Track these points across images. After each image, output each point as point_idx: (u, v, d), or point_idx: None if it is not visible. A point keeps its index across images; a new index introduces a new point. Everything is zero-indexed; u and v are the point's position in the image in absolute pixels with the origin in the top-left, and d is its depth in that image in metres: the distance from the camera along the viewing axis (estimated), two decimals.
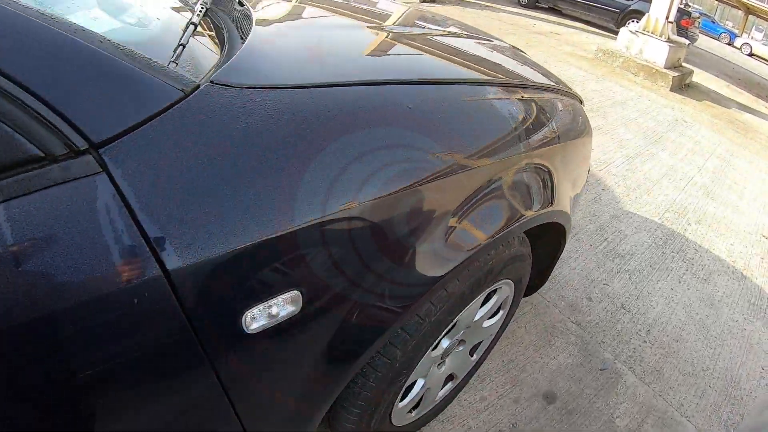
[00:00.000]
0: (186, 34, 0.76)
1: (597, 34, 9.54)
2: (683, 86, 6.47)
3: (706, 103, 6.28)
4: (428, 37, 1.35)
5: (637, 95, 5.69)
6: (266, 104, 0.69)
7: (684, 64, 6.87)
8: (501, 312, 1.39)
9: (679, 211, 3.18)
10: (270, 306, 0.68)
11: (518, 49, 1.92)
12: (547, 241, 1.42)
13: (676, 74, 6.18)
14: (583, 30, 9.70)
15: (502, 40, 1.85)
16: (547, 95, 1.30)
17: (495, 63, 1.36)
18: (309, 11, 1.29)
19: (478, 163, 0.90)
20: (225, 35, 0.91)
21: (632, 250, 2.59)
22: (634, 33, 6.58)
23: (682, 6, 6.81)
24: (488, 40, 1.66)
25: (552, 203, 1.15)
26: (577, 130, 1.35)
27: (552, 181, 1.14)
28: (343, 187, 0.71)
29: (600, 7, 9.77)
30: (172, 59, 0.69)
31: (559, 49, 7.39)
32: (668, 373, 1.88)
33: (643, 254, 2.57)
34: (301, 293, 0.70)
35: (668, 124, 4.95)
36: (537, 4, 11.22)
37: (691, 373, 1.91)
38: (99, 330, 0.56)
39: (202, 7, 0.91)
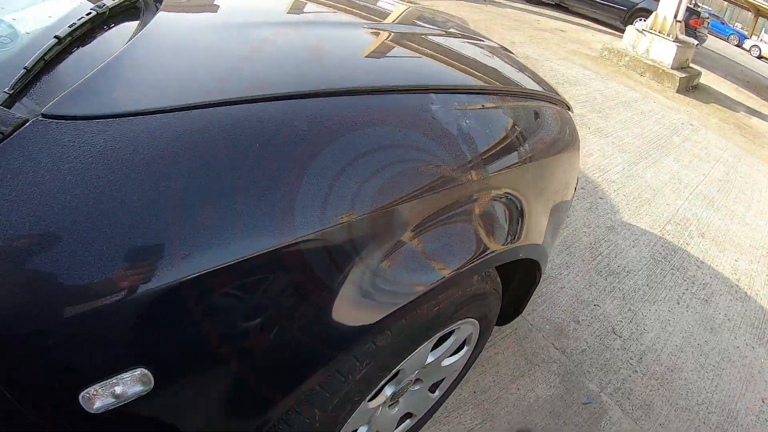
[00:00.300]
0: (38, 54, 0.60)
1: (603, 32, 9.29)
2: (690, 88, 6.25)
3: (713, 106, 6.06)
4: (389, 34, 1.15)
5: (642, 96, 5.48)
6: (102, 139, 0.52)
7: (692, 65, 6.64)
8: (465, 348, 1.21)
9: (682, 222, 2.98)
10: (111, 385, 0.52)
11: (506, 49, 1.71)
12: (522, 272, 1.24)
13: (684, 75, 5.95)
14: (589, 27, 9.45)
15: (489, 39, 1.65)
16: (523, 103, 1.11)
17: (466, 65, 1.16)
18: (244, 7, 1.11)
19: (408, 198, 0.71)
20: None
21: (628, 266, 2.40)
22: (641, 31, 6.34)
23: (691, 5, 6.53)
24: (473, 39, 1.46)
25: (518, 238, 0.96)
26: (561, 143, 1.16)
27: (520, 210, 0.95)
28: (205, 236, 0.53)
29: (607, 5, 9.50)
30: (8, 90, 0.55)
31: (563, 47, 7.16)
32: (659, 407, 1.70)
33: (640, 271, 2.39)
34: (150, 371, 0.53)
35: (673, 127, 4.75)
36: (543, 0, 10.96)
37: (684, 408, 1.73)
38: None
39: (92, 12, 0.74)
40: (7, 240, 0.46)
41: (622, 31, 6.96)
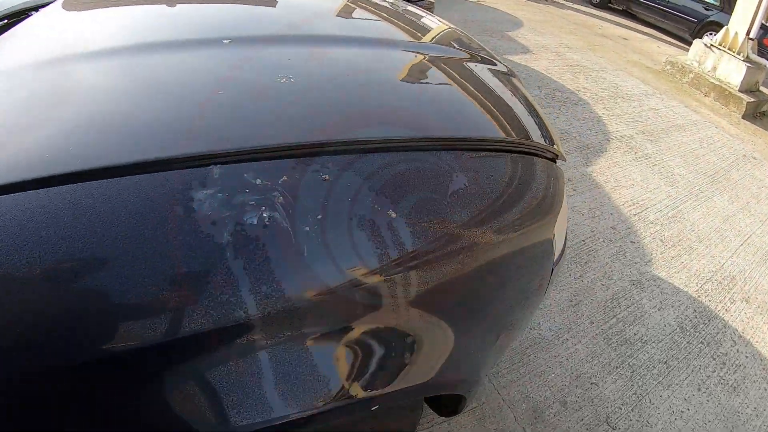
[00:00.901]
0: None
1: (670, 43, 8.55)
2: (758, 114, 5.57)
3: None
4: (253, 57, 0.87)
5: (702, 119, 4.93)
6: None
7: (762, 88, 5.93)
8: None
9: (725, 281, 2.57)
10: None
11: (512, 74, 1.40)
12: None
13: (752, 100, 5.30)
14: (655, 38, 8.73)
15: (499, 61, 1.35)
16: (457, 159, 0.79)
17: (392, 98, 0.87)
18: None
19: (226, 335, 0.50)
20: None
21: (647, 335, 2.05)
22: (709, 47, 5.71)
23: (767, 22, 5.76)
24: (450, 57, 1.15)
25: (370, 386, 0.66)
26: (520, 222, 0.85)
27: (377, 349, 0.66)
28: None
29: (676, 15, 8.69)
30: None
31: (624, 57, 6.63)
32: None
33: (661, 343, 2.03)
34: None
35: (733, 159, 4.21)
36: (609, 4, 10.24)
37: None
38: None
39: None
40: None
41: (691, 44, 6.33)
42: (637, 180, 3.45)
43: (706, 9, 8.30)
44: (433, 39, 1.25)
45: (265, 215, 0.57)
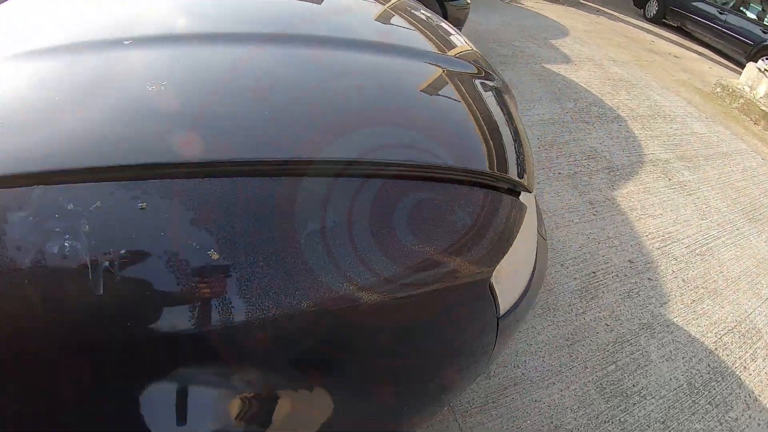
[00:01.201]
0: None
1: (723, 65, 8.05)
2: None
3: None
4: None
5: (748, 149, 4.57)
6: None
7: None
8: None
9: (748, 334, 2.31)
10: None
11: (504, 90, 1.22)
12: None
13: None
14: (708, 58, 8.24)
15: (493, 74, 1.18)
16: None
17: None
18: None
19: None
20: None
21: (648, 388, 1.84)
22: (763, 71, 5.30)
23: None
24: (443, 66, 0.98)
25: None
26: (442, 265, 0.67)
27: None
28: None
29: (732, 36, 8.17)
30: None
31: (672, 76, 6.26)
32: None
33: (663, 399, 1.81)
34: None
35: None
36: (664, 20, 9.76)
37: None
38: None
39: None
40: None
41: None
42: (666, 210, 3.18)
43: (764, 32, 7.81)
44: (373, 29, 1.08)
45: (66, 244, 0.48)
